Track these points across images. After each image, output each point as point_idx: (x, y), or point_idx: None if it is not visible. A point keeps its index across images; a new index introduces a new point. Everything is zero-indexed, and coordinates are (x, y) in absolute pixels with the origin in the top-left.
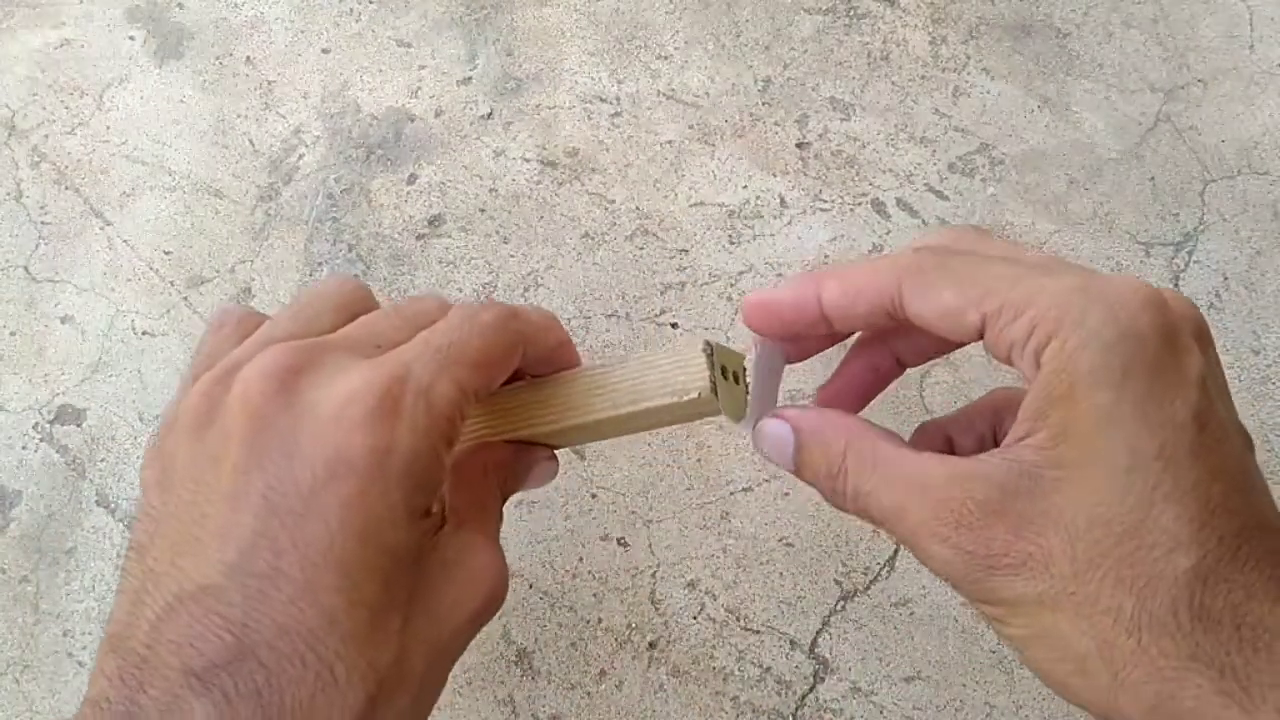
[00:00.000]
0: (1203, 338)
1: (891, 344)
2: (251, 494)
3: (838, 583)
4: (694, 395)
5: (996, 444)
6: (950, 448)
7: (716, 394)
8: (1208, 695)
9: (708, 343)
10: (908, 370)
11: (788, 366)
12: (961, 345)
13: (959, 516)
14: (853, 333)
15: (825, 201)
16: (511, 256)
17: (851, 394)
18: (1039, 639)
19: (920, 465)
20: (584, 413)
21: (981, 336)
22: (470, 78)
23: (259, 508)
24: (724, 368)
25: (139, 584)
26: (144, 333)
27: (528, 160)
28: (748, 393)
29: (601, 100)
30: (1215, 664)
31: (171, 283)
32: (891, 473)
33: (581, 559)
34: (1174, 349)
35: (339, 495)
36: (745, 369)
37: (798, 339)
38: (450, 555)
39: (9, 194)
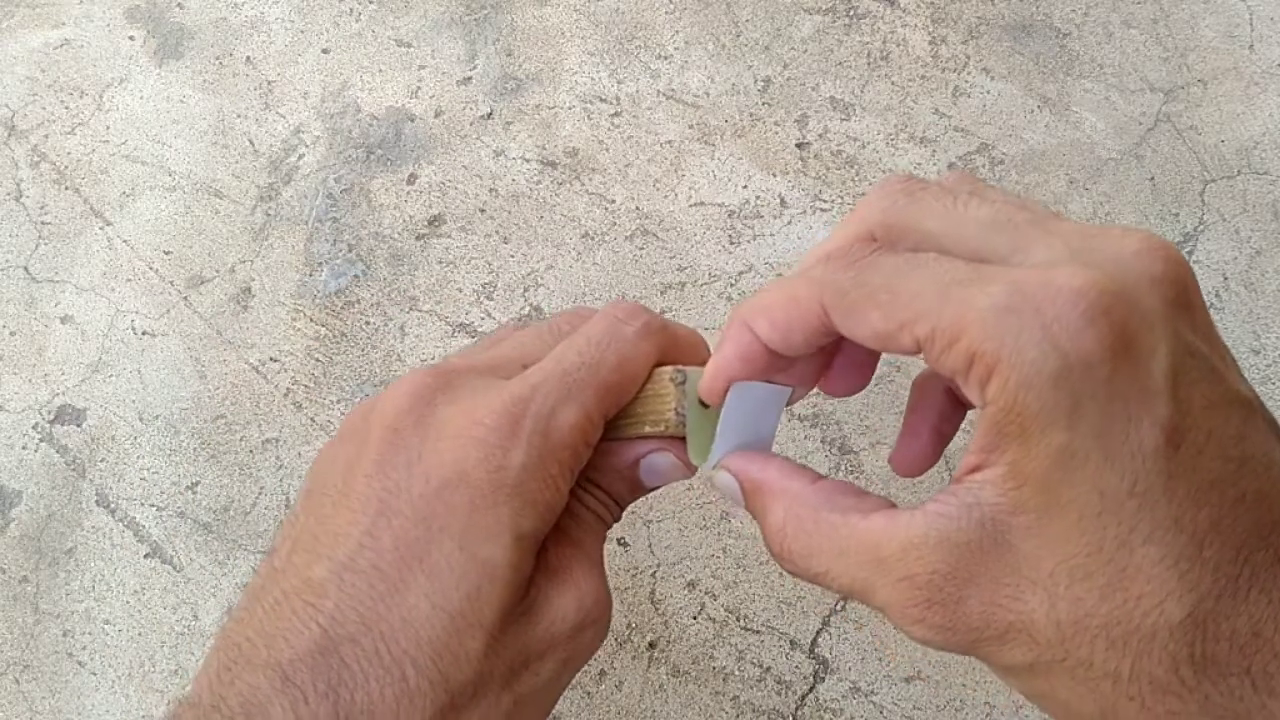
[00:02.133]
0: (1175, 299)
1: (943, 382)
2: (371, 499)
3: None
4: (660, 429)
5: None
6: (954, 397)
7: (684, 425)
8: None
9: (679, 370)
10: (907, 368)
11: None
12: None
13: (928, 595)
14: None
15: (825, 201)
16: (511, 256)
17: (924, 451)
18: (1043, 699)
19: (871, 535)
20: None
21: (918, 352)
22: (470, 78)
23: (374, 511)
24: (700, 399)
25: (262, 582)
26: (144, 333)
27: (528, 160)
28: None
29: (601, 100)
30: (1230, 714)
31: (171, 283)
32: (841, 546)
33: None
34: (1131, 357)
35: (446, 503)
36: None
37: (780, 370)
38: (544, 579)
39: (9, 194)
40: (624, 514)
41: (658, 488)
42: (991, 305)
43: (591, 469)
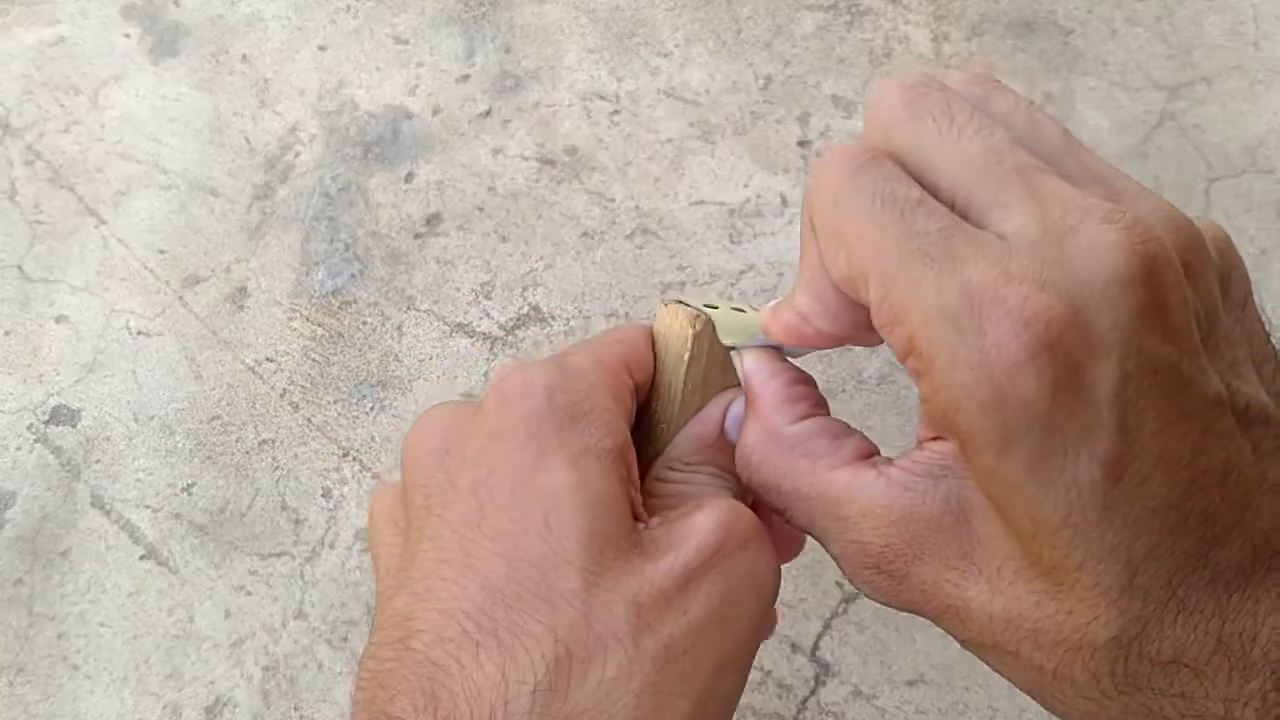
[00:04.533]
0: (1145, 305)
1: None
2: (424, 510)
3: (839, 585)
4: (691, 333)
5: None
6: None
7: (704, 314)
8: None
9: (671, 297)
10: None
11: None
12: None
13: (875, 562)
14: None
15: None
16: (510, 255)
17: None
18: (1001, 670)
19: (833, 491)
20: (658, 420)
21: None
22: (468, 75)
23: (434, 516)
24: (708, 303)
25: (373, 631)
26: (139, 332)
27: (526, 158)
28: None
29: (601, 98)
30: (1150, 715)
31: (166, 282)
32: (803, 490)
33: None
34: (1074, 390)
35: (489, 465)
36: (752, 306)
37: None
38: (663, 523)
39: (3, 193)
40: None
41: None
42: (938, 305)
43: (681, 455)
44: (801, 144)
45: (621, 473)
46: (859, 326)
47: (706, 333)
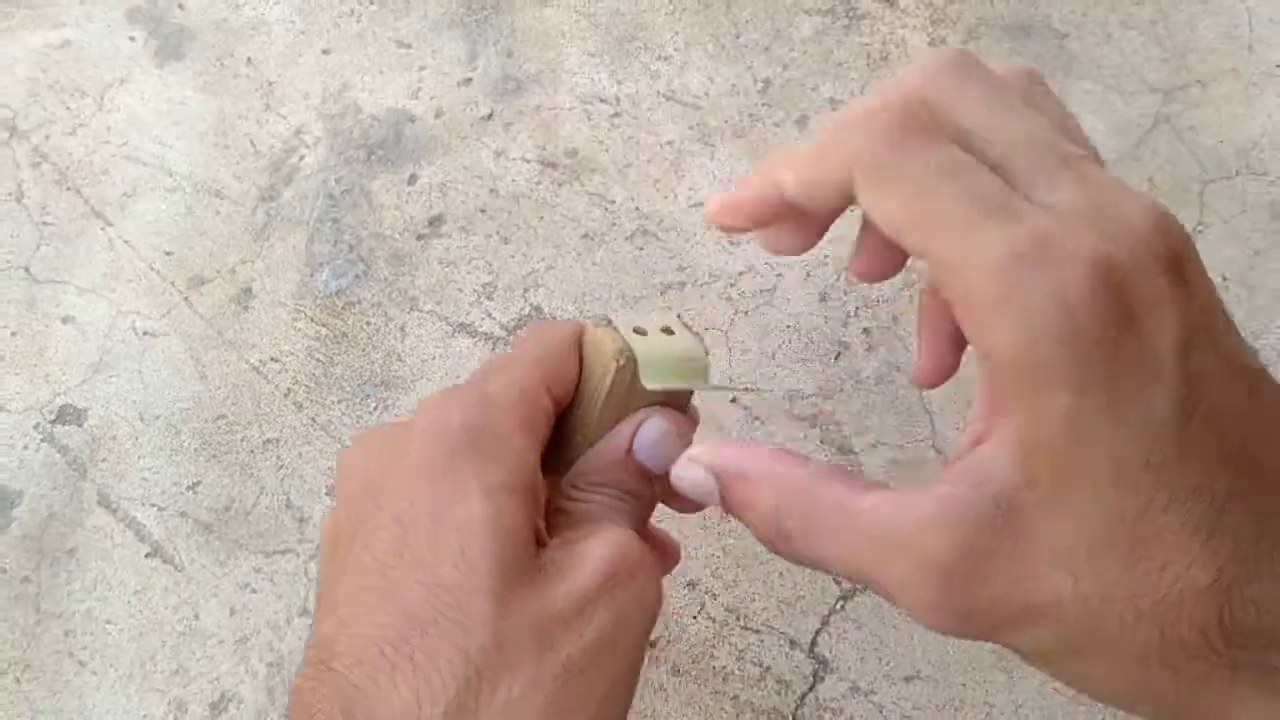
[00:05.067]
0: (1180, 277)
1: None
2: (349, 535)
3: (837, 582)
4: (614, 366)
5: None
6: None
7: (629, 349)
8: (1262, 704)
9: (601, 317)
10: (908, 368)
11: (788, 366)
12: None
13: (943, 576)
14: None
15: None
16: (512, 257)
17: (943, 362)
18: (1075, 679)
19: (878, 516)
20: (578, 430)
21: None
22: (470, 78)
23: (342, 549)
24: (638, 328)
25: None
26: (145, 333)
27: (528, 161)
28: (701, 339)
29: (601, 101)
30: (1261, 670)
31: (172, 283)
32: (845, 526)
33: None
34: (1138, 332)
35: (410, 496)
36: (684, 322)
37: (789, 222)
38: (560, 547)
39: (10, 195)
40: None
41: (668, 470)
42: (1011, 250)
43: (589, 472)
44: None
45: (530, 506)
46: (809, 228)
47: (628, 368)
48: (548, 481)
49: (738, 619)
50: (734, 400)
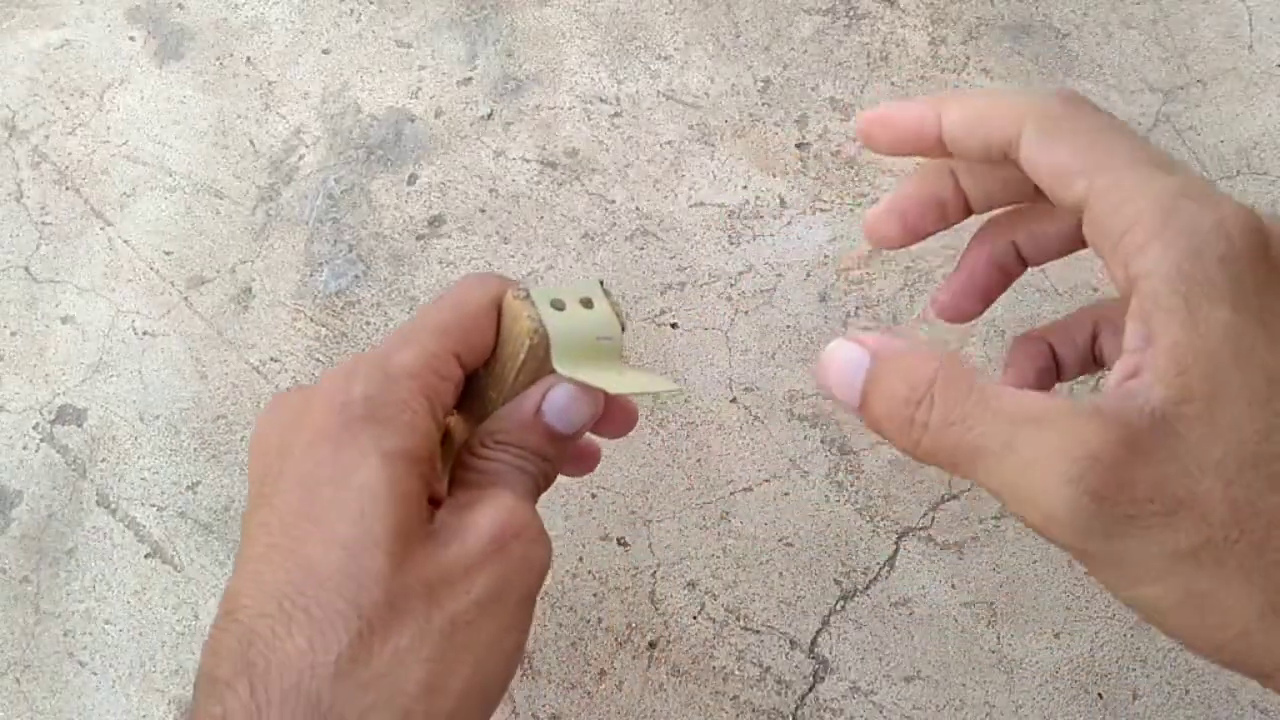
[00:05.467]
0: None
1: (1014, 232)
2: (252, 500)
3: (837, 582)
4: (527, 343)
5: (1097, 363)
6: (1053, 358)
7: (543, 328)
8: None
9: (520, 287)
10: None
11: (788, 366)
12: (1074, 244)
13: (1093, 452)
14: (964, 159)
15: (825, 202)
16: (512, 257)
17: (975, 292)
18: (1187, 603)
19: (1031, 399)
20: (489, 396)
21: (1080, 212)
22: (470, 78)
23: (255, 506)
24: (556, 300)
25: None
26: (145, 333)
27: (528, 160)
28: (618, 309)
29: (601, 101)
30: None
31: (172, 283)
32: (993, 404)
33: (581, 559)
34: (1266, 261)
35: (314, 459)
36: (605, 291)
37: (912, 148)
38: (451, 512)
39: (9, 194)
40: (624, 514)
41: (579, 432)
42: (1179, 187)
43: (497, 430)
44: (800, 146)
45: (426, 471)
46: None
47: (541, 346)
48: (466, 428)
49: (738, 619)
50: (734, 401)
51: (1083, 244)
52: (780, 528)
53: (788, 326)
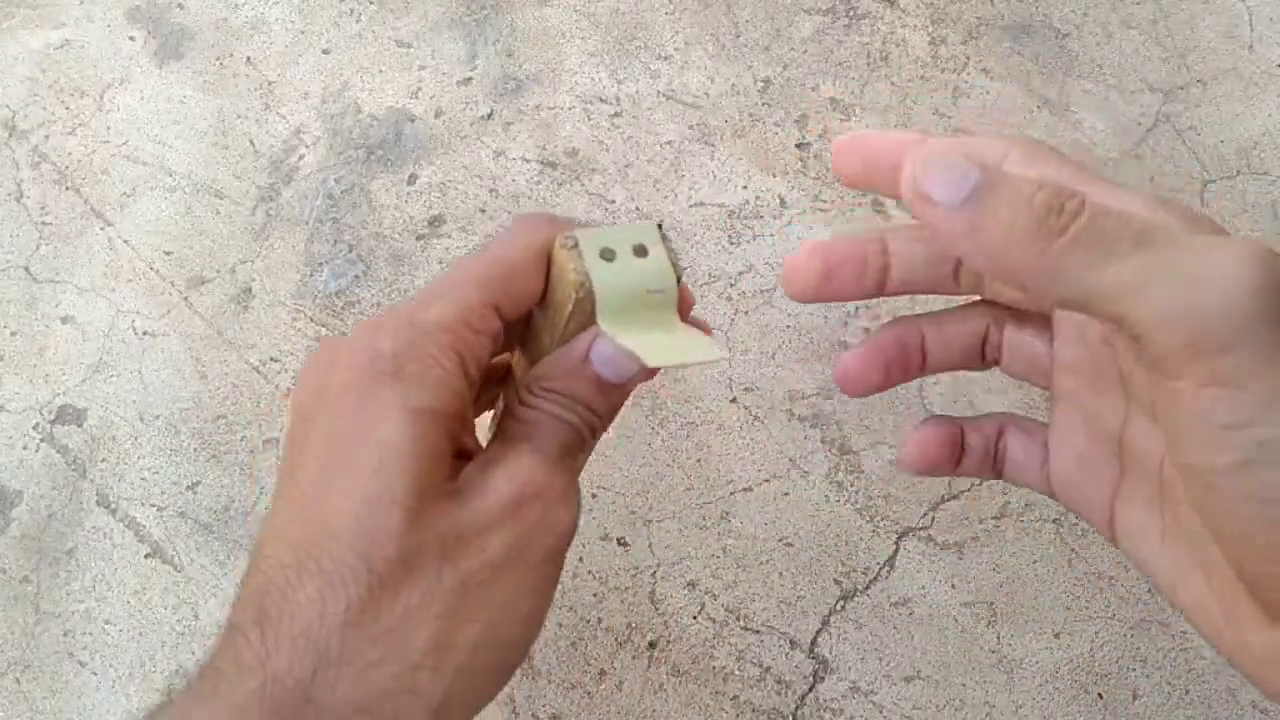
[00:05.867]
0: None
1: (923, 323)
2: (286, 445)
3: (837, 582)
4: (574, 297)
5: (995, 460)
6: (960, 440)
7: (589, 284)
8: None
9: (568, 235)
10: None
11: (788, 366)
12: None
13: (1267, 252)
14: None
15: (825, 202)
16: None
17: (875, 363)
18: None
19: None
20: (543, 341)
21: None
22: (470, 78)
23: (287, 453)
24: (607, 249)
25: None
26: (145, 333)
27: (528, 160)
28: (674, 255)
29: (601, 101)
30: None
31: (172, 283)
32: (1125, 219)
33: (581, 559)
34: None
35: (342, 411)
36: (662, 235)
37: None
38: (476, 468)
39: (10, 194)
40: (624, 514)
41: (631, 383)
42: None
43: (544, 376)
44: (800, 146)
45: (454, 427)
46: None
47: (588, 301)
48: (526, 366)
49: (738, 619)
50: (734, 401)
51: (981, 364)
52: (780, 528)
53: (788, 326)
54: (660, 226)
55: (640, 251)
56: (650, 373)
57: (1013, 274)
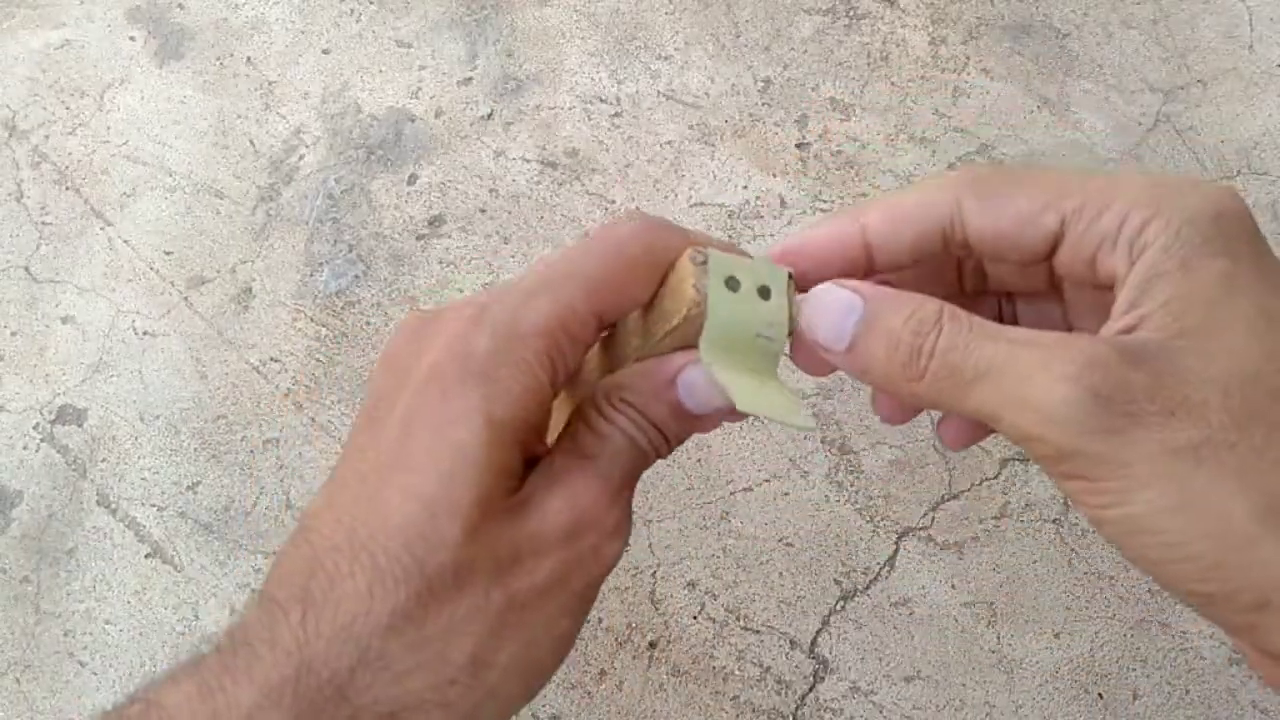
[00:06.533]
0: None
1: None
2: (362, 422)
3: (837, 582)
4: (682, 312)
5: None
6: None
7: (703, 306)
8: None
9: (699, 250)
10: None
11: (788, 366)
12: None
13: (1092, 358)
14: (896, 270)
15: (825, 202)
16: (512, 257)
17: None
18: (1183, 508)
19: (1029, 330)
20: (627, 351)
21: (1052, 249)
22: (470, 78)
23: (362, 425)
24: (732, 278)
25: None
26: (145, 333)
27: (528, 160)
28: (794, 309)
29: (601, 101)
30: None
31: (172, 283)
32: (993, 332)
33: None
34: (1258, 232)
35: (423, 400)
36: (791, 283)
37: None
38: (540, 480)
39: (10, 194)
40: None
41: (709, 421)
42: (1143, 182)
43: (626, 388)
44: (800, 146)
45: (529, 439)
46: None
47: (698, 321)
48: (602, 362)
49: (738, 619)
50: None
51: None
52: (780, 528)
53: None
54: (791, 276)
55: (764, 293)
56: (731, 415)
57: (904, 401)
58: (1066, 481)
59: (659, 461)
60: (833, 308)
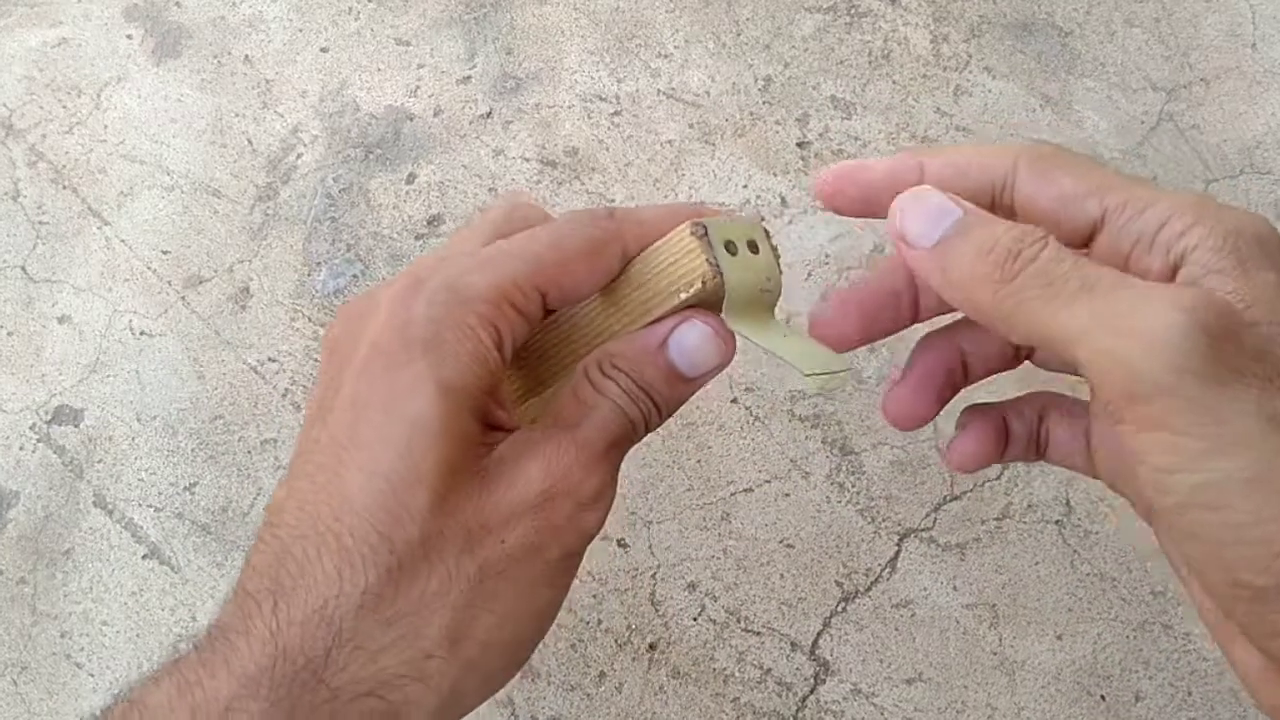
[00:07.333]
0: None
1: (959, 337)
2: (312, 411)
3: (838, 584)
4: (697, 286)
5: (1039, 449)
6: (1005, 429)
7: (720, 275)
8: None
9: (697, 223)
10: None
11: (788, 365)
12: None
13: (1209, 299)
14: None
15: None
16: None
17: (931, 393)
18: (1259, 482)
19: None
20: (605, 337)
21: (1090, 236)
22: (469, 76)
23: (314, 420)
24: (729, 242)
25: None
26: (142, 333)
27: (527, 160)
28: (777, 255)
29: (601, 99)
30: None
31: (169, 282)
32: (1103, 265)
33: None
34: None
35: (368, 379)
36: (766, 232)
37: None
38: (512, 449)
39: (6, 193)
40: (624, 514)
41: (700, 380)
42: (1186, 194)
43: (617, 355)
44: (801, 145)
45: (485, 405)
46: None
47: (715, 293)
48: (561, 352)
49: (738, 621)
50: (734, 401)
51: (1016, 362)
52: (781, 529)
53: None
54: (763, 223)
55: (753, 247)
56: (720, 367)
57: (976, 313)
58: (1139, 434)
59: (659, 462)
60: (930, 207)
